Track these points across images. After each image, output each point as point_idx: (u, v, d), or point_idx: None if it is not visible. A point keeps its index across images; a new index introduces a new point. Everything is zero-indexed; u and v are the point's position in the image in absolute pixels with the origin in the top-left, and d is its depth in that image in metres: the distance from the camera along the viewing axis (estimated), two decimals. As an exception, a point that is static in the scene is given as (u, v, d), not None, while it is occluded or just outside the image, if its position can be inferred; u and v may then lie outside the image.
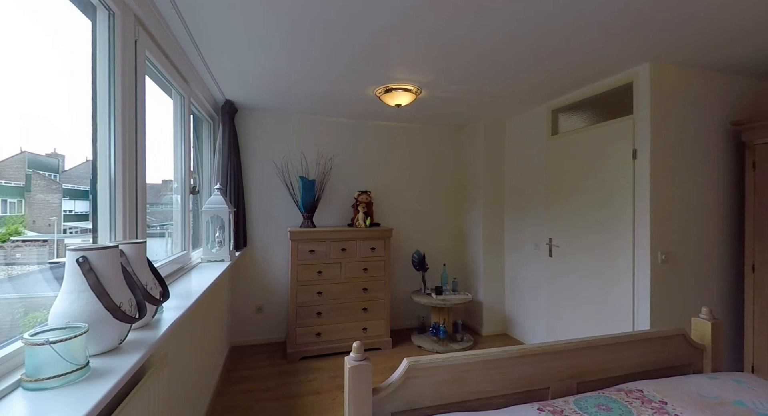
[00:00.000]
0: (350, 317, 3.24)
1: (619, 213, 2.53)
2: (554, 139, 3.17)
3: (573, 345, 1.47)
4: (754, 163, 2.36)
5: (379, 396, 1.22)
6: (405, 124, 3.91)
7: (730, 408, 1.23)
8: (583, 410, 1.23)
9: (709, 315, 1.68)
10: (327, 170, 3.56)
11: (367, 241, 3.28)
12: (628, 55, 2.22)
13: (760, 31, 1.91)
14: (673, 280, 2.36)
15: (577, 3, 1.64)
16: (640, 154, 2.39)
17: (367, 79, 2.60)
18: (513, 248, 3.74)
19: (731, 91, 2.54)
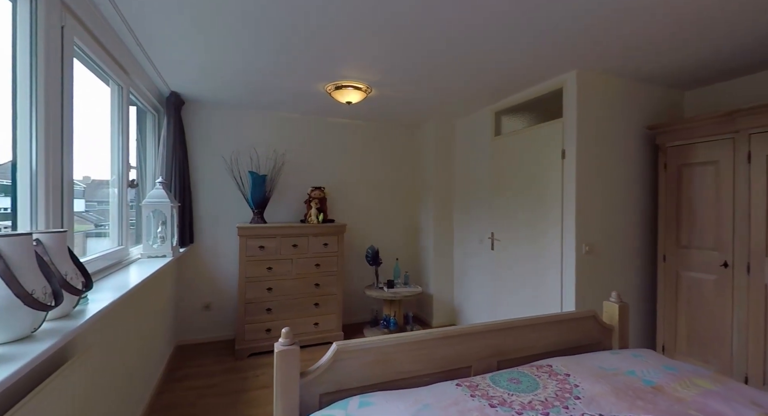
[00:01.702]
0: (301, 313, 3.26)
1: (550, 209, 2.73)
2: (497, 139, 3.36)
3: (494, 326, 1.60)
4: (666, 164, 2.64)
5: (307, 378, 1.28)
6: (360, 121, 3.97)
7: (622, 377, 1.39)
8: (497, 384, 1.35)
9: (617, 299, 1.87)
10: (279, 166, 3.56)
11: (320, 237, 3.31)
12: (558, 62, 2.41)
13: (671, 48, 2.15)
14: (595, 269, 2.59)
15: (507, 16, 1.78)
16: (567, 155, 2.60)
17: (317, 76, 2.63)
18: (461, 242, 3.91)
19: (648, 98, 2.82)
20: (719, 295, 2.33)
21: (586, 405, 1.21)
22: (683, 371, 1.46)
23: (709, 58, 2.30)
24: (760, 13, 1.78)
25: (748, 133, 2.19)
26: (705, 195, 2.41)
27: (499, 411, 1.16)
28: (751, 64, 2.39)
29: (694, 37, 2.02)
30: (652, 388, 1.32)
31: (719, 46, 2.13)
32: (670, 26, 1.91)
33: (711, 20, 1.85)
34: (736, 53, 2.23)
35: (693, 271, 2.46)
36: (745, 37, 2.03)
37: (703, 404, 1.21)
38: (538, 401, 1.23)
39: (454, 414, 1.13)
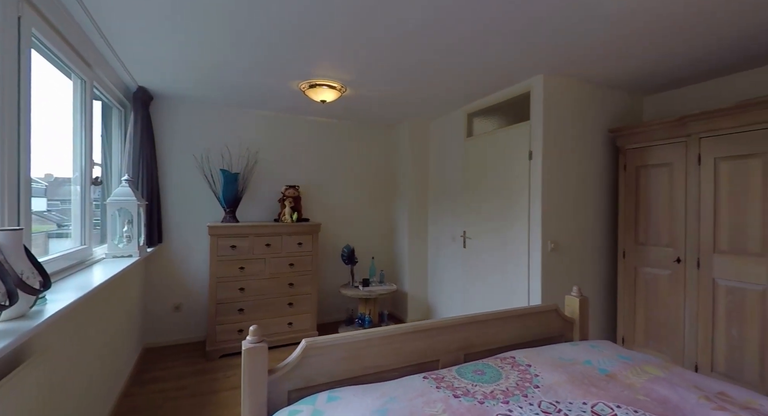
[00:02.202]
0: (275, 312, 3.23)
1: (518, 208, 2.83)
2: (470, 140, 3.44)
3: (461, 320, 1.65)
4: (625, 165, 2.78)
5: (276, 375, 1.28)
6: (336, 120, 3.98)
7: (579, 367, 1.47)
8: (462, 376, 1.40)
9: (578, 293, 1.96)
10: (252, 164, 3.51)
11: (294, 236, 3.30)
12: (525, 67, 2.50)
13: (629, 56, 2.27)
14: (560, 265, 2.70)
15: (473, 22, 1.84)
16: (534, 156, 2.70)
17: (290, 74, 2.62)
18: (435, 241, 3.98)
19: (610, 103, 2.96)
20: (673, 289, 2.48)
21: (544, 393, 1.27)
22: (636, 360, 1.55)
23: (665, 66, 2.45)
24: (710, 26, 1.91)
25: (698, 136, 2.34)
26: (660, 195, 2.56)
27: (463, 401, 1.20)
28: (704, 72, 2.56)
29: (650, 46, 2.15)
30: (606, 376, 1.40)
31: (674, 55, 2.27)
32: (628, 36, 2.02)
33: (665, 31, 1.97)
34: (690, 62, 2.38)
35: (649, 267, 2.61)
36: (697, 48, 2.17)
37: (651, 389, 1.30)
38: (500, 390, 1.28)
39: (419, 405, 1.17)
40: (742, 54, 2.24)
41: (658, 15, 1.81)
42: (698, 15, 1.81)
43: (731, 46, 2.15)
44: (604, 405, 1.17)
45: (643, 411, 1.14)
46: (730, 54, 2.25)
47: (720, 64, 2.41)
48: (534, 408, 1.17)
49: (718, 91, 2.65)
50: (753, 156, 2.11)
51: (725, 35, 2.01)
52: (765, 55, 2.26)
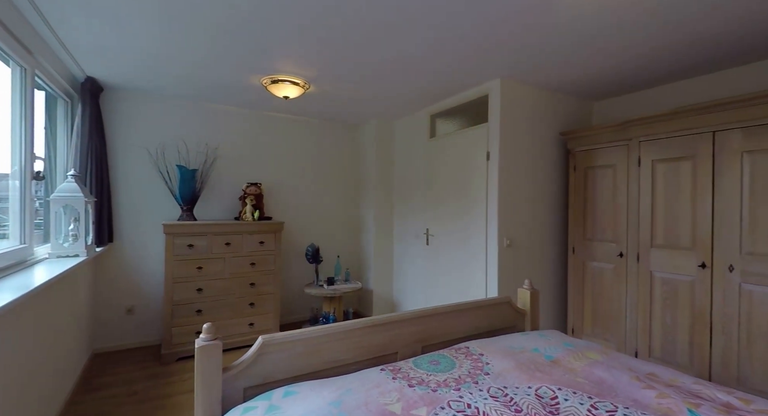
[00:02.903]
0: (235, 313, 3.16)
1: (477, 206, 2.94)
2: (432, 141, 3.53)
3: (419, 314, 1.70)
4: (575, 167, 2.96)
5: (231, 373, 1.27)
6: (300, 117, 3.94)
7: (528, 354, 1.56)
8: (418, 367, 1.44)
9: (529, 286, 2.07)
10: (211, 160, 3.41)
11: (256, 235, 3.24)
12: (483, 71, 2.60)
13: (577, 63, 2.42)
14: (515, 260, 2.84)
15: (426, 22, 1.89)
16: (491, 156, 2.81)
17: (250, 68, 2.58)
18: (400, 239, 4.04)
19: (562, 107, 3.14)
20: (616, 281, 2.67)
21: (494, 379, 1.34)
22: (578, 346, 1.66)
23: (611, 73, 2.63)
24: (652, 37, 2.08)
25: (638, 140, 2.54)
26: (605, 194, 2.75)
27: (417, 389, 1.25)
28: (648, 80, 2.77)
29: (597, 54, 2.30)
30: (551, 362, 1.50)
31: (620, 63, 2.44)
32: (575, 43, 2.16)
33: (610, 39, 2.12)
34: (634, 70, 2.56)
35: (596, 261, 2.80)
36: (641, 56, 2.35)
37: (589, 372, 1.40)
38: (453, 378, 1.34)
39: (375, 396, 1.20)
40: (682, 63, 2.45)
41: (603, 23, 1.95)
42: (639, 25, 1.97)
43: (672, 56, 2.35)
44: (546, 388, 1.26)
45: (581, 392, 1.24)
46: (671, 63, 2.46)
47: (662, 73, 2.62)
48: (483, 393, 1.23)
49: (660, 98, 2.87)
50: (684, 158, 2.32)
51: (666, 45, 2.20)
52: (703, 65, 2.48)
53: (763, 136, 2.02)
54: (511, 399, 1.19)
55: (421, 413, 1.11)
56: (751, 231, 2.06)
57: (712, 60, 2.37)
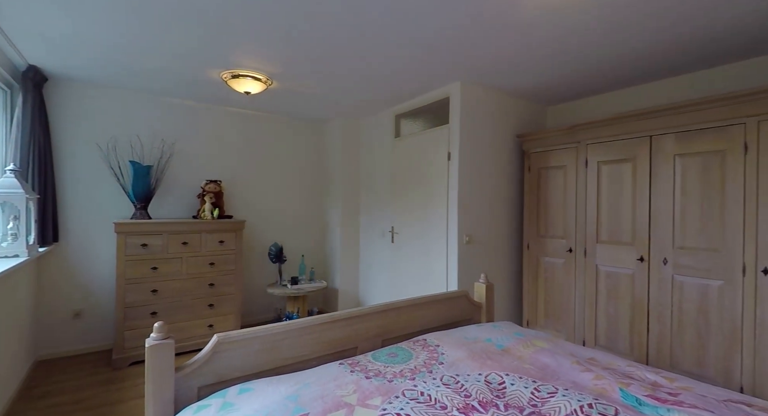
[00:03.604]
0: (194, 315, 3.06)
1: (438, 205, 3.02)
2: (398, 140, 3.58)
3: (378, 308, 1.74)
4: (529, 167, 3.12)
5: (184, 372, 1.24)
6: (264, 113, 3.86)
7: (480, 344, 1.64)
8: (377, 359, 1.48)
9: (485, 280, 2.17)
10: (167, 156, 3.28)
11: (215, 234, 3.15)
12: (444, 73, 2.68)
13: (530, 69, 2.55)
14: (474, 256, 2.95)
15: (382, 24, 1.93)
16: (452, 157, 2.90)
17: (209, 62, 2.51)
18: (366, 237, 4.07)
19: (519, 110, 3.29)
20: (566, 275, 2.84)
21: (447, 368, 1.40)
22: (528, 336, 1.77)
23: (563, 80, 2.79)
24: (601, 45, 2.23)
25: (586, 143, 2.72)
26: (556, 193, 2.92)
27: (374, 381, 1.28)
28: (597, 87, 2.96)
29: (549, 60, 2.44)
30: (502, 350, 1.58)
31: (571, 71, 2.60)
32: (528, 52, 2.28)
33: (561, 49, 2.25)
34: (584, 77, 2.73)
35: (548, 256, 2.96)
36: (590, 65, 2.51)
37: (536, 358, 1.50)
38: (409, 369, 1.38)
39: (332, 389, 1.22)
40: (626, 73, 2.64)
41: (554, 34, 2.08)
42: (588, 37, 2.11)
43: (617, 66, 2.53)
44: (495, 375, 1.33)
45: (527, 376, 1.32)
46: (617, 73, 2.64)
47: (610, 81, 2.81)
48: (437, 381, 1.29)
49: (608, 104, 3.08)
50: (625, 161, 2.51)
51: (611, 57, 2.37)
52: (643, 75, 2.68)
53: (692, 141, 2.22)
54: (462, 385, 1.26)
55: (376, 402, 1.14)
56: (681, 228, 2.27)
57: (649, 71, 2.58)
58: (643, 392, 1.23)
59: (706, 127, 2.17)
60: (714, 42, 2.16)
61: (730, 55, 2.34)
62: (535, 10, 1.82)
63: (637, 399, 1.19)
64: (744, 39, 2.12)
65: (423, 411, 1.09)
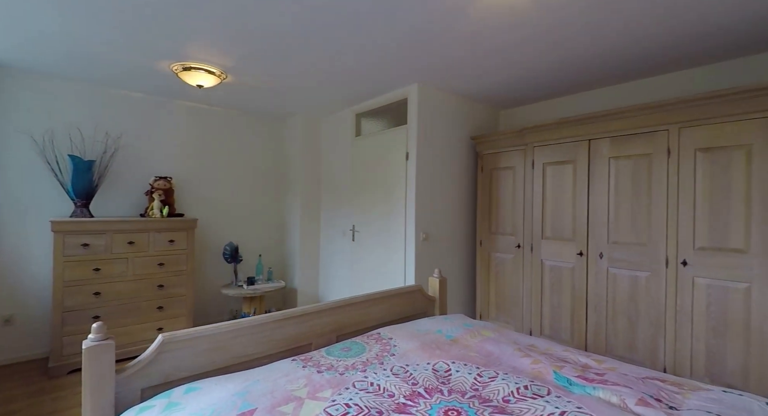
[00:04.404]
0: (141, 318, 2.91)
1: (397, 203, 3.09)
2: (358, 139, 3.61)
3: (333, 305, 1.76)
4: (482, 168, 3.26)
5: (126, 374, 1.20)
6: (219, 108, 3.74)
7: (431, 335, 1.71)
8: (330, 354, 1.50)
9: (439, 275, 2.25)
10: (112, 151, 3.09)
11: (165, 233, 3.01)
12: (402, 75, 2.74)
13: (482, 74, 2.66)
14: (431, 253, 3.04)
15: (331, 24, 1.96)
16: (410, 157, 2.98)
17: (160, 52, 2.40)
18: (327, 236, 4.06)
19: (474, 113, 3.43)
20: (515, 270, 3.00)
21: (398, 359, 1.45)
22: (476, 326, 1.86)
23: (514, 85, 2.94)
24: (546, 52, 2.38)
25: (533, 145, 2.89)
26: (506, 193, 3.07)
27: (325, 375, 1.30)
28: (545, 93, 3.14)
29: (496, 67, 2.57)
30: (451, 341, 1.66)
31: (519, 75, 2.74)
32: (480, 57, 2.39)
33: (509, 52, 2.38)
34: (534, 83, 2.90)
35: (499, 252, 3.12)
36: (539, 71, 2.67)
37: (481, 347, 1.59)
38: (361, 362, 1.42)
39: (283, 384, 1.23)
40: (571, 80, 2.83)
41: (505, 40, 2.19)
42: (537, 44, 2.25)
43: (563, 73, 2.70)
44: (443, 363, 1.40)
45: (471, 363, 1.40)
46: (563, 79, 2.83)
47: (558, 87, 2.99)
48: (387, 372, 1.33)
49: (558, 109, 3.28)
50: (567, 162, 2.70)
51: (556, 63, 2.53)
52: (587, 82, 2.88)
53: (625, 145, 2.44)
54: (411, 374, 1.31)
55: (326, 395, 1.17)
56: (615, 224, 2.48)
57: (590, 80, 2.79)
58: (574, 373, 1.34)
59: (636, 133, 2.39)
60: (645, 55, 2.38)
61: (659, 68, 2.59)
62: (480, 21, 1.92)
63: (568, 379, 1.30)
64: (674, 53, 2.36)
65: (371, 400, 1.13)
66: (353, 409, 1.08)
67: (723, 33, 2.09)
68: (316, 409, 1.08)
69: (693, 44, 2.22)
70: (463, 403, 1.12)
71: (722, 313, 2.09)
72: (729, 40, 2.16)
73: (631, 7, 1.83)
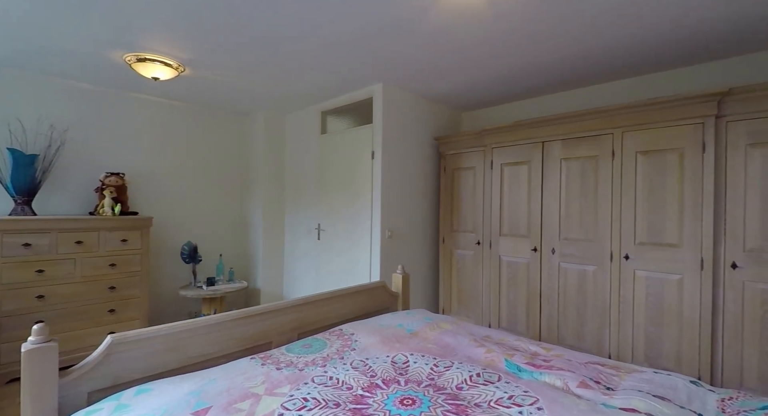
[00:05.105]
0: (91, 321, 2.75)
1: (363, 202, 3.11)
2: (324, 137, 3.59)
3: (294, 302, 1.75)
4: (445, 168, 3.35)
5: (71, 377, 1.15)
6: (177, 102, 3.59)
7: (392, 330, 1.75)
8: (290, 351, 1.50)
9: (402, 271, 2.30)
10: (58, 145, 2.90)
11: (117, 232, 2.86)
12: (367, 74, 2.77)
13: (442, 77, 2.74)
14: (396, 250, 3.10)
15: (294, 22, 1.96)
16: (376, 155, 3.01)
17: (111, 41, 2.28)
18: (292, 235, 4.01)
19: (437, 114, 3.52)
20: (475, 266, 3.12)
21: (359, 353, 1.48)
22: (436, 320, 1.92)
23: (474, 87, 3.04)
24: (504, 57, 2.48)
25: (491, 147, 3.00)
26: (467, 192, 3.18)
27: (284, 371, 1.30)
28: (505, 96, 3.27)
29: (458, 70, 2.65)
30: (411, 334, 1.71)
31: (479, 79, 2.84)
32: (437, 60, 2.46)
33: (469, 56, 2.47)
34: (492, 86, 3.01)
35: (461, 249, 3.22)
36: (500, 75, 2.77)
37: (439, 339, 1.65)
38: (321, 357, 1.43)
39: (240, 382, 1.22)
40: (529, 84, 2.96)
41: (465, 42, 2.27)
42: (495, 49, 2.35)
43: (523, 78, 2.83)
44: (401, 355, 1.44)
45: (429, 355, 1.45)
46: (522, 84, 2.95)
47: (518, 91, 3.12)
48: (346, 366, 1.35)
49: (517, 112, 3.42)
50: (523, 163, 2.84)
51: (514, 68, 2.65)
52: (544, 87, 3.03)
53: (575, 147, 2.59)
54: (370, 367, 1.34)
55: (284, 390, 1.17)
56: (566, 221, 2.63)
57: (550, 84, 2.94)
58: (524, 360, 1.43)
59: (585, 136, 2.55)
60: (595, 63, 2.54)
61: (607, 75, 2.77)
62: (440, 24, 1.98)
63: (517, 366, 1.38)
64: (619, 62, 2.53)
65: (329, 393, 1.15)
66: (311, 402, 1.09)
67: (648, 47, 2.28)
68: (273, 404, 1.08)
69: (631, 56, 2.40)
70: (419, 392, 1.17)
71: (659, 303, 2.28)
72: (655, 53, 2.36)
73: (581, 20, 1.96)
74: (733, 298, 2.08)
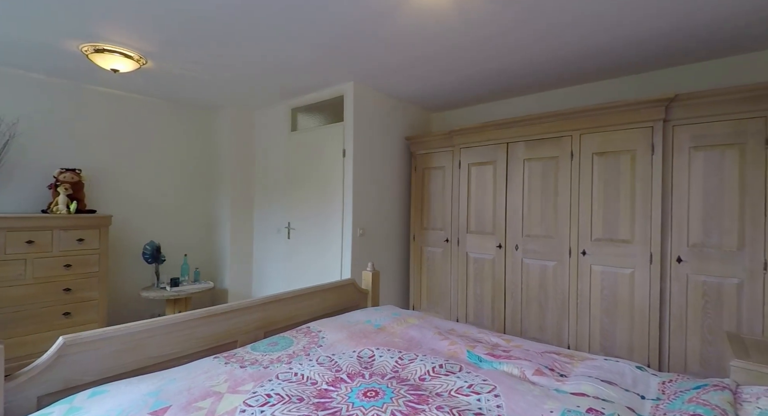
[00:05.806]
0: (43, 326, 2.60)
1: (334, 199, 3.11)
2: (294, 134, 3.56)
3: (260, 301, 1.74)
4: (416, 167, 3.41)
5: (18, 381, 1.09)
6: (139, 95, 3.45)
7: (360, 326, 1.77)
8: (255, 350, 1.49)
9: (372, 268, 2.32)
10: (6, 138, 2.71)
11: (73, 231, 2.72)
12: (338, 73, 2.77)
13: (412, 77, 2.78)
14: (367, 248, 3.12)
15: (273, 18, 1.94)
16: (347, 154, 3.02)
17: (67, 30, 2.17)
18: (261, 234, 3.94)
19: (409, 114, 3.56)
20: (444, 262, 3.19)
21: (325, 350, 1.49)
22: (403, 315, 1.96)
23: (442, 89, 3.11)
24: (470, 62, 2.55)
25: (459, 147, 3.08)
26: (437, 191, 3.25)
27: (248, 369, 1.30)
28: (472, 98, 3.36)
29: (426, 72, 2.70)
30: (378, 329, 1.73)
31: (446, 81, 2.91)
32: (405, 59, 2.50)
33: (436, 59, 2.52)
34: (460, 89, 3.08)
35: (430, 246, 3.28)
36: (468, 78, 2.84)
37: (405, 333, 1.68)
38: (287, 354, 1.43)
39: (202, 381, 1.20)
40: (498, 87, 3.05)
41: (436, 46, 2.32)
42: (456, 50, 2.41)
43: (490, 80, 2.91)
44: (367, 350, 1.46)
45: (394, 348, 1.48)
46: (490, 86, 3.04)
47: (485, 93, 3.21)
48: (312, 362, 1.36)
49: (485, 114, 3.50)
50: (488, 163, 2.93)
51: (484, 72, 2.72)
52: (512, 89, 3.12)
53: (537, 148, 2.70)
54: (336, 363, 1.35)
55: (247, 388, 1.16)
56: (528, 219, 2.74)
57: (515, 87, 3.04)
58: (485, 351, 1.48)
59: (546, 138, 2.66)
60: (559, 67, 2.66)
61: (568, 80, 2.90)
62: (407, 25, 2.02)
63: (478, 357, 1.43)
64: (576, 68, 2.66)
65: (293, 389, 1.16)
66: (274, 398, 1.09)
67: (606, 54, 2.42)
68: (235, 402, 1.08)
69: (593, 62, 2.54)
70: (382, 384, 1.19)
71: (613, 295, 2.42)
72: (612, 60, 2.50)
73: (540, 27, 2.05)
74: (679, 290, 2.24)
